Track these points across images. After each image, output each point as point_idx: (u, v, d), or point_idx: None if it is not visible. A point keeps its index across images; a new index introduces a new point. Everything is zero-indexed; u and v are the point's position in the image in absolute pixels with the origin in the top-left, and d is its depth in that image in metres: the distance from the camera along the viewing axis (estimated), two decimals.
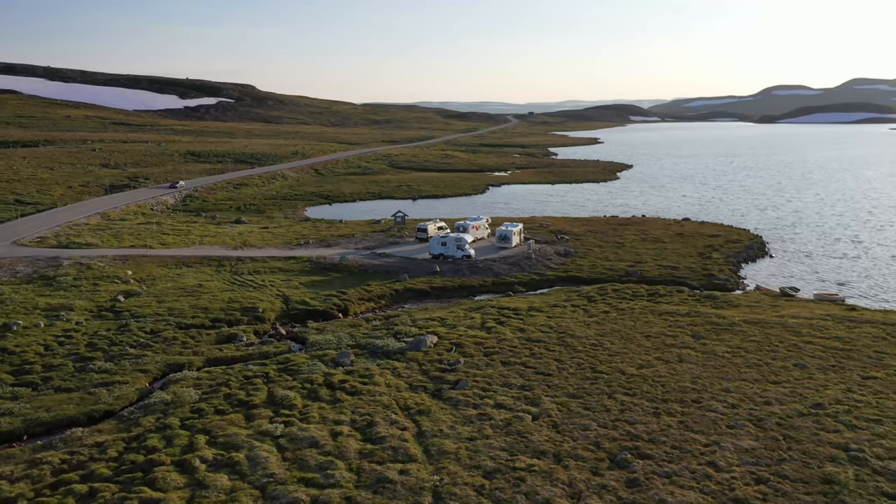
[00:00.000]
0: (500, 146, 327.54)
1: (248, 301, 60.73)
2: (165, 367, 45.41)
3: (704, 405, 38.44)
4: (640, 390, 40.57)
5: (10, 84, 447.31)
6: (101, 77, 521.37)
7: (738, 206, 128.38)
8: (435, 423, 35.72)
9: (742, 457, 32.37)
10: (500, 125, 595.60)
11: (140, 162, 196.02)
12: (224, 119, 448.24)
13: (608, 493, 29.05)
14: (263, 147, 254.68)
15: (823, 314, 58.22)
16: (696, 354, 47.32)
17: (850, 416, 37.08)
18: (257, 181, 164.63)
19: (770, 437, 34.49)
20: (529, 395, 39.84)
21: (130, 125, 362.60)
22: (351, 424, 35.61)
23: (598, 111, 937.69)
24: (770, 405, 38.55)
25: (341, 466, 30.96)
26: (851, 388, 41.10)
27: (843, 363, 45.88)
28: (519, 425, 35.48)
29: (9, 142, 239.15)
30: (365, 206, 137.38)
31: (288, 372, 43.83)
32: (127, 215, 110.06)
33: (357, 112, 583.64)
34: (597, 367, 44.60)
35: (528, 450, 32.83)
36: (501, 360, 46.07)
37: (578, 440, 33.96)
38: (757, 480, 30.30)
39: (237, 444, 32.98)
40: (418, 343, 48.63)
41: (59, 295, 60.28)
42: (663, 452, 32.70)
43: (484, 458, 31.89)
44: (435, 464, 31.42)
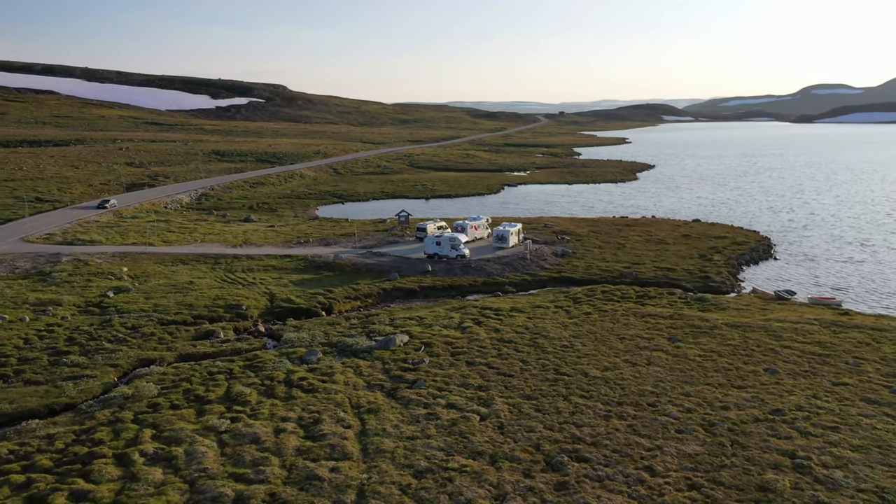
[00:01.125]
0: (525, 146, 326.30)
1: (233, 298, 61.53)
2: (137, 363, 46.30)
3: (660, 409, 37.89)
4: (598, 393, 40.14)
5: (49, 85, 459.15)
6: (137, 78, 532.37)
7: (753, 207, 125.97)
8: (380, 422, 35.83)
9: (682, 462, 31.85)
10: (528, 125, 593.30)
11: (164, 161, 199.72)
12: (254, 119, 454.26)
13: (534, 495, 28.84)
14: (287, 146, 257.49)
15: (812, 318, 56.91)
16: (666, 357, 46.65)
17: (808, 422, 36.22)
18: (274, 180, 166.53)
19: (717, 442, 33.87)
20: (484, 395, 39.71)
21: (162, 125, 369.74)
22: (297, 422, 35.90)
23: (630, 111, 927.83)
24: (727, 410, 37.84)
25: (275, 463, 31.25)
26: (818, 395, 40.13)
27: (818, 369, 44.81)
28: (464, 426, 35.40)
29: (41, 141, 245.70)
30: (377, 205, 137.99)
31: (252, 369, 44.34)
32: (139, 213, 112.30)
33: (386, 112, 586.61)
34: (561, 368, 44.25)
35: (465, 450, 32.74)
36: (467, 360, 45.98)
37: (520, 442, 33.76)
38: (690, 486, 29.79)
39: (180, 439, 33.50)
40: (387, 342, 48.80)
41: (51, 290, 61.84)
42: (602, 456, 32.34)
43: (419, 457, 31.90)
44: (368, 462, 31.53)
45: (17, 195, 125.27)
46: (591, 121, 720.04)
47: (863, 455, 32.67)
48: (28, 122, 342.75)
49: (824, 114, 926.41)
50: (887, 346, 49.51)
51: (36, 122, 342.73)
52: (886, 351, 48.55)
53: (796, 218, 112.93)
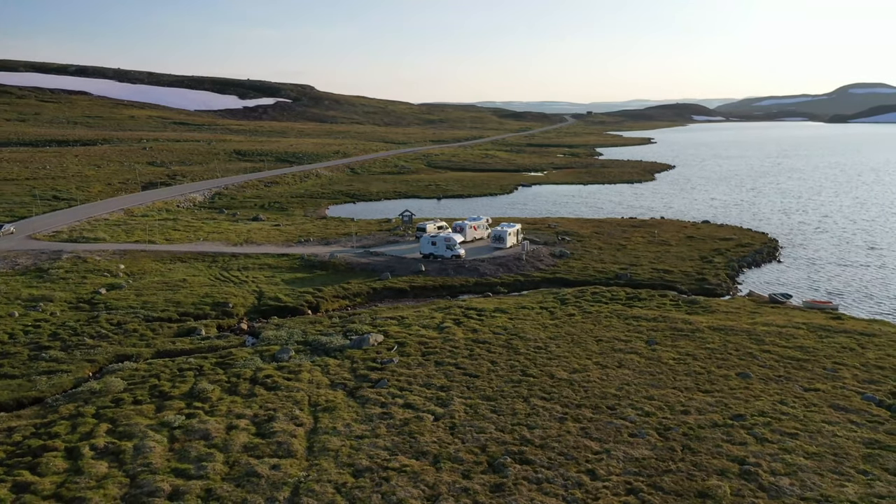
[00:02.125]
0: (547, 146, 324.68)
1: (222, 296, 62.32)
2: (114, 358, 47.14)
3: (618, 412, 37.49)
4: (560, 395, 39.85)
5: (81, 85, 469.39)
6: (167, 78, 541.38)
7: (766, 209, 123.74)
8: (333, 421, 36.04)
9: (627, 466, 31.49)
10: (554, 125, 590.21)
11: (185, 160, 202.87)
12: (280, 119, 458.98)
13: (467, 496, 28.77)
14: (308, 146, 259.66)
15: (801, 322, 55.80)
16: (638, 360, 46.12)
17: (767, 429, 35.54)
18: (290, 180, 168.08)
19: (668, 447, 33.41)
20: (444, 395, 39.69)
21: (189, 125, 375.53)
22: (252, 419, 36.27)
23: (659, 111, 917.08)
24: (687, 415, 37.31)
25: (219, 459, 31.62)
26: (785, 400, 39.36)
27: (792, 374, 43.94)
28: (415, 426, 35.42)
29: (69, 140, 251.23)
30: (388, 205, 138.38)
31: (223, 366, 44.88)
32: (150, 212, 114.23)
33: (412, 112, 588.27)
34: (528, 370, 44.02)
35: (410, 450, 32.77)
36: (436, 360, 45.98)
37: (467, 443, 33.69)
38: (629, 491, 29.45)
39: (133, 434, 34.08)
40: (361, 341, 49.03)
41: (46, 286, 63.28)
42: (547, 459, 32.11)
43: (362, 456, 32.02)
44: (311, 460, 31.73)
45: (36, 193, 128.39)
46: (618, 121, 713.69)
47: (815, 462, 31.98)
48: (60, 121, 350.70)
49: (860, 113, 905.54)
50: (872, 352, 48.36)
51: (67, 122, 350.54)
52: (869, 356, 47.43)
53: (808, 220, 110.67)
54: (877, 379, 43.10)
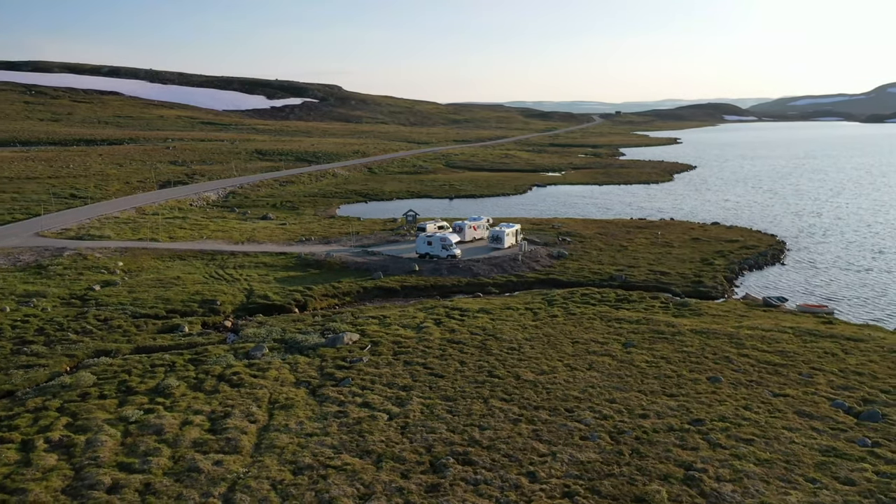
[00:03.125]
0: (570, 146, 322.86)
1: (211, 294, 63.16)
2: (93, 353, 48.05)
3: (575, 415, 37.20)
4: (521, 396, 39.67)
5: (114, 86, 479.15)
6: (197, 79, 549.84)
7: (779, 210, 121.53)
8: (287, 418, 36.35)
9: (569, 469, 31.23)
10: (581, 125, 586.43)
11: (206, 160, 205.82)
12: (307, 119, 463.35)
13: (401, 496, 28.81)
14: (329, 146, 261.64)
15: (788, 326, 54.74)
16: (610, 363, 45.69)
17: (724, 434, 34.97)
18: (305, 179, 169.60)
19: (617, 451, 33.05)
20: (404, 395, 39.77)
21: (217, 124, 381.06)
22: (209, 415, 36.74)
23: (690, 110, 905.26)
24: (646, 419, 36.86)
25: (166, 454, 32.11)
26: (750, 406, 38.67)
27: (765, 379, 43.15)
28: (367, 424, 35.57)
29: (97, 140, 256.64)
30: (400, 204, 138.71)
31: (195, 362, 45.52)
32: (162, 210, 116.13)
33: (438, 112, 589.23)
34: (496, 371, 43.88)
35: (356, 449, 32.92)
36: (406, 359, 46.08)
37: (415, 442, 33.72)
38: (565, 494, 29.21)
39: (89, 428, 34.75)
40: (335, 340, 49.34)
41: (41, 282, 64.79)
42: (491, 460, 32.01)
43: (306, 454, 32.25)
44: (256, 457, 32.05)
45: (55, 191, 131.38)
46: (647, 120, 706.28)
47: (765, 469, 31.38)
48: (91, 121, 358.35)
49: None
50: (854, 358, 47.27)
51: (98, 122, 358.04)
52: (851, 362, 46.37)
53: (820, 222, 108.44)
54: (852, 385, 42.11)
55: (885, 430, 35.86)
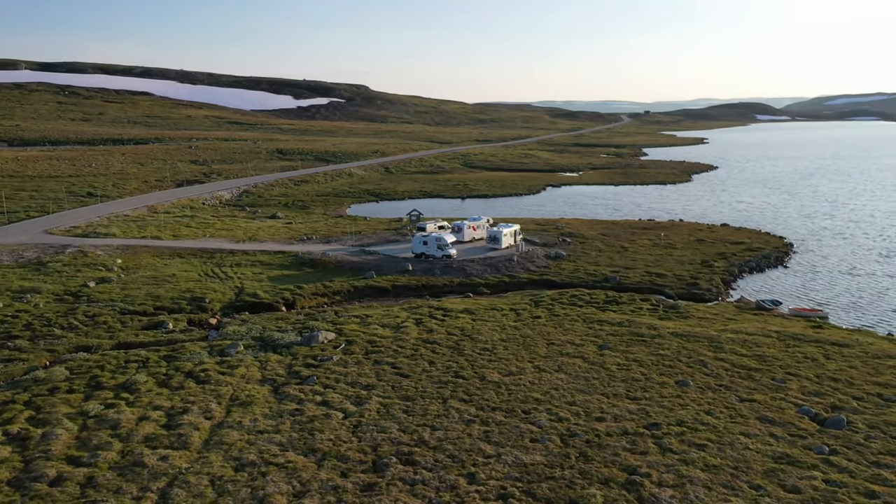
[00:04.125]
0: (594, 146, 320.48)
1: (201, 291, 64.05)
2: (74, 349, 49.09)
3: (531, 417, 36.99)
4: (481, 397, 39.57)
5: (144, 86, 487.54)
6: (226, 79, 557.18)
7: (793, 212, 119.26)
8: (243, 415, 36.74)
9: (511, 471, 31.07)
10: (608, 124, 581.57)
11: (227, 159, 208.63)
12: (332, 118, 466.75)
13: (333, 494, 28.96)
14: (350, 146, 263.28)
15: (774, 330, 53.75)
16: (581, 365, 45.33)
17: (677, 438, 34.50)
18: (320, 178, 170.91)
19: (564, 453, 32.79)
20: (364, 394, 39.94)
21: (243, 124, 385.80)
22: (167, 411, 37.30)
23: (720, 110, 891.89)
24: (602, 422, 36.51)
25: (116, 448, 32.70)
26: (713, 411, 38.08)
27: (736, 383, 42.44)
28: (319, 423, 35.80)
29: (124, 139, 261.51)
30: (411, 203, 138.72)
31: (169, 359, 46.20)
32: (173, 208, 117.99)
33: (464, 111, 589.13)
34: (463, 371, 43.81)
35: (303, 447, 33.15)
36: (376, 358, 46.26)
37: (364, 441, 33.85)
38: (500, 496, 29.08)
39: (48, 421, 35.54)
40: (310, 338, 49.69)
41: (39, 279, 66.33)
42: (434, 461, 32.00)
43: (252, 451, 32.58)
44: (202, 453, 32.47)
45: (73, 190, 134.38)
46: (676, 120, 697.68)
47: (710, 475, 30.88)
48: (121, 121, 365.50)
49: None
50: (835, 363, 46.26)
51: (128, 122, 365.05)
52: (830, 368, 45.40)
53: (832, 225, 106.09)
54: (825, 391, 41.22)
55: (846, 437, 35.07)
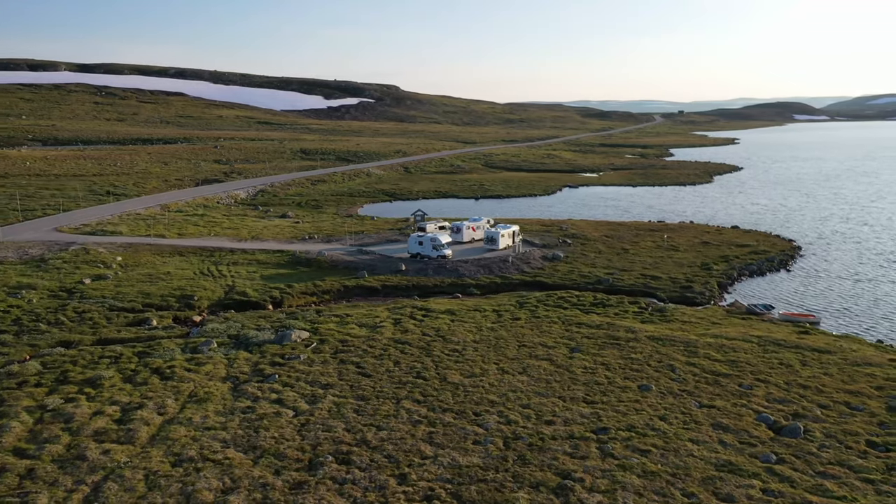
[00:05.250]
0: (620, 146, 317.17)
1: (192, 289, 65.07)
2: (55, 343, 50.29)
3: (481, 419, 36.88)
4: (436, 399, 39.57)
5: (179, 87, 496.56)
6: (258, 79, 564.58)
7: (808, 215, 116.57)
8: (196, 412, 37.32)
9: (444, 473, 31.03)
10: (640, 124, 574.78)
11: (250, 158, 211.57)
12: (361, 118, 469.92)
13: (261, 492, 29.27)
14: (374, 146, 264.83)
15: (757, 335, 52.71)
16: (546, 368, 45.01)
17: (623, 444, 34.09)
18: (338, 178, 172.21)
19: (502, 456, 32.64)
20: (321, 393, 40.25)
21: (272, 124, 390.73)
22: (124, 406, 38.06)
23: (757, 110, 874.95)
24: (551, 425, 36.25)
25: (64, 442, 33.51)
26: (667, 416, 37.53)
27: (701, 389, 41.75)
28: (268, 421, 36.20)
29: (153, 139, 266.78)
30: (425, 203, 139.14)
31: (141, 355, 47.09)
32: (187, 207, 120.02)
33: (494, 111, 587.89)
34: (425, 372, 43.86)
35: (245, 444, 33.57)
36: (343, 358, 46.57)
37: (306, 440, 34.14)
38: (426, 498, 29.09)
39: (7, 414, 36.53)
40: (283, 337, 50.20)
41: (37, 275, 68.10)
42: (370, 460, 32.14)
43: (194, 447, 33.09)
44: (145, 448, 33.08)
45: (94, 188, 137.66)
46: (710, 120, 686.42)
47: (646, 482, 30.47)
48: (153, 121, 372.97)
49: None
50: (809, 370, 45.24)
51: (160, 122, 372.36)
52: (803, 374, 44.41)
53: (845, 228, 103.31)
54: (791, 399, 40.34)
55: (798, 446, 34.29)
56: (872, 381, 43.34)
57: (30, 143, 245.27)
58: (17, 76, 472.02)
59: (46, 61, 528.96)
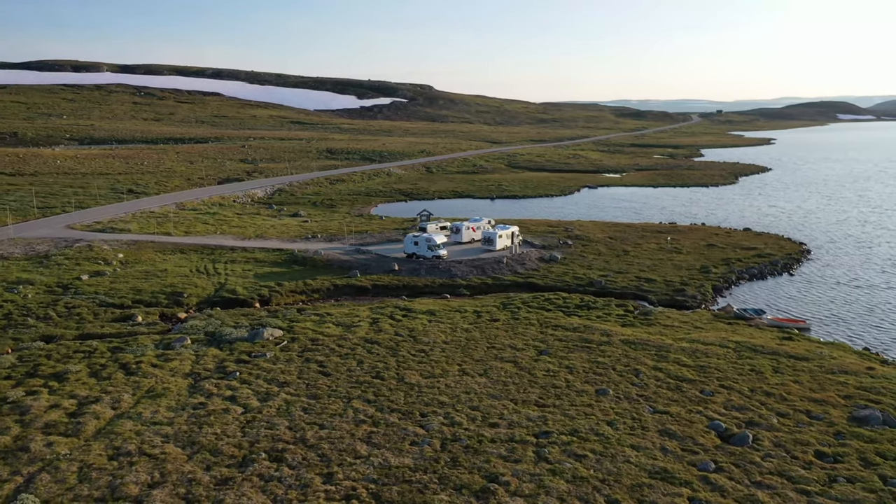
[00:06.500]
0: (650, 146, 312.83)
1: (183, 286, 66.35)
2: (38, 337, 51.81)
3: (426, 420, 36.89)
4: (387, 399, 39.70)
5: (215, 87, 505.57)
6: (293, 80, 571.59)
7: (824, 217, 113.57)
8: (148, 407, 38.10)
9: (372, 473, 31.15)
10: (675, 124, 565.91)
11: (275, 158, 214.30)
12: (393, 118, 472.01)
13: (186, 486, 29.78)
14: (400, 145, 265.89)
15: (735, 341, 51.64)
16: (508, 370, 44.79)
17: (561, 448, 33.77)
18: (357, 178, 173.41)
19: (435, 458, 32.62)
20: (276, 390, 40.71)
21: (304, 123, 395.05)
22: (81, 399, 39.03)
23: (799, 109, 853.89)
24: (494, 428, 36.09)
25: (13, 433, 34.52)
26: (615, 422, 37.03)
27: (659, 394, 41.10)
28: (215, 417, 36.77)
29: (185, 138, 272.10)
30: (440, 203, 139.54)
31: (115, 350, 48.24)
32: (202, 206, 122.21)
33: (527, 111, 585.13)
34: (385, 372, 44.05)
35: (185, 440, 34.15)
36: (309, 356, 47.01)
37: (247, 437, 34.59)
38: (345, 497, 29.24)
39: None
40: (255, 335, 50.89)
41: (37, 271, 70.17)
42: (302, 459, 32.43)
43: (135, 442, 33.78)
44: (88, 441, 33.91)
45: (116, 187, 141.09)
46: (749, 120, 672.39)
47: (572, 487, 30.16)
48: (189, 121, 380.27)
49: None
50: (779, 377, 44.16)
51: (195, 121, 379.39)
52: (771, 382, 43.39)
53: (859, 232, 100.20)
54: (750, 406, 39.44)
55: (742, 455, 33.55)
56: (842, 390, 42.14)
57: (67, 142, 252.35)
58: (61, 77, 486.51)
59: (89, 62, 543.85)
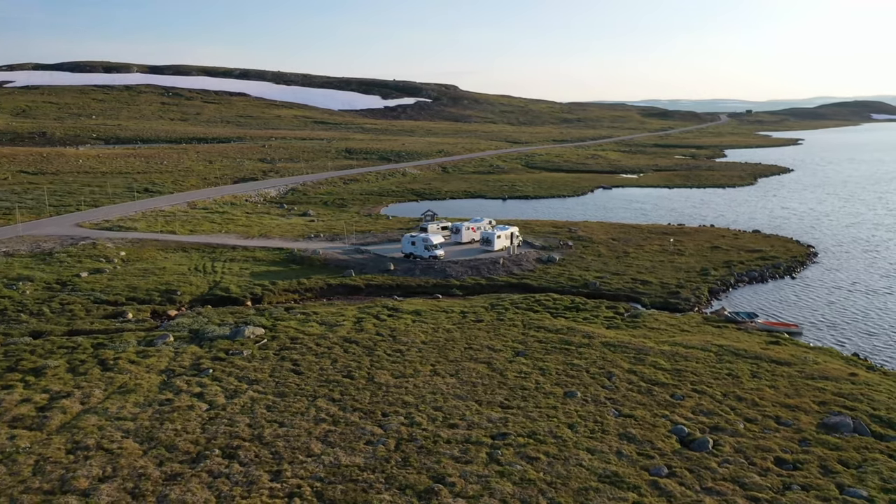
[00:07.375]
0: (673, 146, 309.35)
1: (178, 284, 67.32)
2: (28, 333, 52.95)
3: (386, 420, 36.99)
4: (353, 398, 39.89)
5: (242, 87, 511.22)
6: (319, 80, 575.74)
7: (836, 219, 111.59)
8: (117, 402, 38.74)
9: (320, 472, 31.32)
10: (702, 124, 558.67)
11: (294, 157, 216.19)
12: (417, 118, 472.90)
13: (135, 480, 30.23)
14: (419, 145, 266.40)
15: (719, 344, 50.98)
16: (480, 371, 44.71)
17: (515, 450, 33.63)
18: (371, 177, 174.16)
19: (386, 458, 32.69)
20: (244, 388, 41.14)
21: (328, 123, 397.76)
22: (53, 394, 39.80)
23: (832, 109, 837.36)
24: (452, 429, 36.06)
25: None
26: (576, 424, 36.77)
27: (629, 397, 40.73)
28: (179, 413, 37.26)
29: (208, 138, 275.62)
30: (451, 203, 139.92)
31: (98, 346, 49.04)
32: (213, 205, 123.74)
33: (552, 111, 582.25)
34: (357, 371, 44.25)
35: (144, 435, 34.67)
36: (285, 355, 47.41)
37: (205, 434, 35.00)
38: (288, 495, 29.41)
39: None
40: (236, 332, 51.44)
41: (39, 268, 71.71)
42: (255, 456, 32.73)
43: (96, 436, 34.39)
44: (51, 435, 34.60)
45: (132, 185, 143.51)
46: (779, 120, 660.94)
47: (517, 490, 30.03)
48: (215, 121, 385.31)
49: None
50: (755, 383, 43.53)
51: (221, 121, 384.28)
52: (746, 387, 42.75)
53: (870, 236, 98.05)
54: (718, 411, 38.91)
55: (699, 460, 33.10)
56: (818, 396, 41.35)
57: (93, 141, 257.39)
58: (92, 78, 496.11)
59: (120, 63, 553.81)
